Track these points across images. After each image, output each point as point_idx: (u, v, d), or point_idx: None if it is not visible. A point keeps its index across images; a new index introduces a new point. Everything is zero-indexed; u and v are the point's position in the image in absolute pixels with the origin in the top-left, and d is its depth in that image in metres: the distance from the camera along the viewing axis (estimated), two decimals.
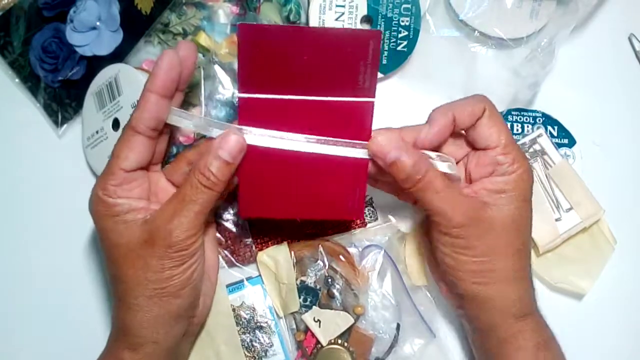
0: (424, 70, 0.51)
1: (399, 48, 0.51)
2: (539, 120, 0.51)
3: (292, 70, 0.37)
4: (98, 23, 0.48)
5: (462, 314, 0.43)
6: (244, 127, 0.38)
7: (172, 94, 0.37)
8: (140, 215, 0.38)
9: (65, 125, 0.51)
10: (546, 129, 0.51)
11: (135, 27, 0.48)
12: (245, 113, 0.38)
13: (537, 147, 0.50)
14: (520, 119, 0.51)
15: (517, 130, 0.51)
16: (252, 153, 0.38)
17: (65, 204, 0.50)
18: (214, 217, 0.45)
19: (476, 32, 0.50)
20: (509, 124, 0.51)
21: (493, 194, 0.39)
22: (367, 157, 0.39)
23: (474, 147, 0.41)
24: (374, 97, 0.38)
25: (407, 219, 0.48)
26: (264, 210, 0.41)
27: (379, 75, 0.51)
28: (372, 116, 0.38)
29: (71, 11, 0.49)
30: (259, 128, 0.38)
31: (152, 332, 0.38)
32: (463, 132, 0.41)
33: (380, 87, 0.52)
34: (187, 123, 0.38)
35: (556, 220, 0.48)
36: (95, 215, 0.38)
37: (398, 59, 0.51)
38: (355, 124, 0.38)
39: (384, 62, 0.51)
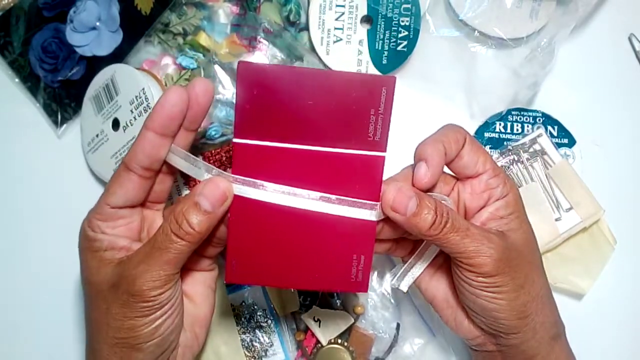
0: (424, 70, 0.51)
1: (399, 48, 0.51)
2: (539, 120, 0.51)
3: (295, 117, 0.33)
4: (98, 23, 0.48)
5: (492, 350, 0.39)
6: (238, 177, 0.34)
7: (174, 133, 0.34)
8: (120, 255, 0.35)
9: (64, 125, 0.51)
10: (546, 128, 0.51)
11: (135, 28, 0.48)
12: (240, 161, 0.33)
13: (537, 147, 0.50)
14: (520, 118, 0.51)
15: (517, 130, 0.51)
16: (245, 208, 0.34)
17: (64, 203, 0.50)
18: (215, 264, 0.39)
19: (476, 32, 0.50)
20: (509, 124, 0.51)
21: (501, 220, 0.37)
22: (374, 218, 0.35)
23: (459, 177, 0.39)
24: (385, 151, 0.34)
25: None
26: (255, 277, 0.36)
27: (380, 75, 0.51)
28: (382, 173, 0.34)
29: (71, 11, 0.49)
30: (254, 179, 0.34)
31: None
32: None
33: None
34: (186, 166, 0.34)
35: (556, 220, 0.48)
36: (78, 247, 0.36)
37: (398, 59, 0.51)
38: (363, 181, 0.34)
39: (384, 62, 0.51)
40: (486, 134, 0.51)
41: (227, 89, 0.46)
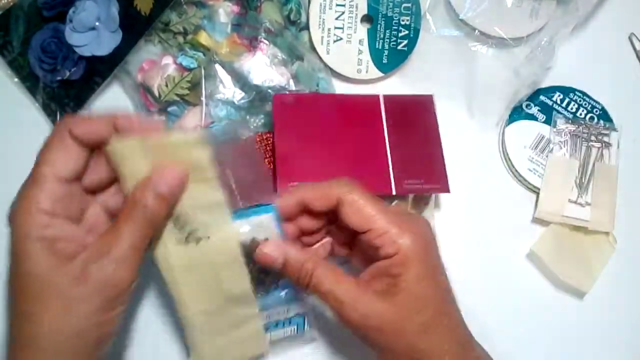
0: (424, 69, 0.51)
1: (399, 47, 0.51)
2: (596, 111, 0.52)
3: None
4: (97, 23, 0.48)
5: None
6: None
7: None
8: (73, 246, 0.32)
9: None
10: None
11: (135, 28, 0.48)
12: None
13: (606, 138, 0.50)
14: (580, 101, 0.52)
15: (572, 109, 0.52)
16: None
17: None
18: None
19: (476, 31, 0.50)
20: (566, 100, 0.51)
21: (387, 279, 0.35)
22: None
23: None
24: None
25: None
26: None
27: (380, 74, 0.51)
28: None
29: (70, 11, 0.49)
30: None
31: None
32: None
33: (381, 86, 0.52)
34: None
35: (569, 201, 0.48)
36: (17, 231, 0.32)
37: (398, 58, 0.51)
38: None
39: (384, 61, 0.51)
40: (542, 97, 0.52)
41: (228, 88, 0.46)
